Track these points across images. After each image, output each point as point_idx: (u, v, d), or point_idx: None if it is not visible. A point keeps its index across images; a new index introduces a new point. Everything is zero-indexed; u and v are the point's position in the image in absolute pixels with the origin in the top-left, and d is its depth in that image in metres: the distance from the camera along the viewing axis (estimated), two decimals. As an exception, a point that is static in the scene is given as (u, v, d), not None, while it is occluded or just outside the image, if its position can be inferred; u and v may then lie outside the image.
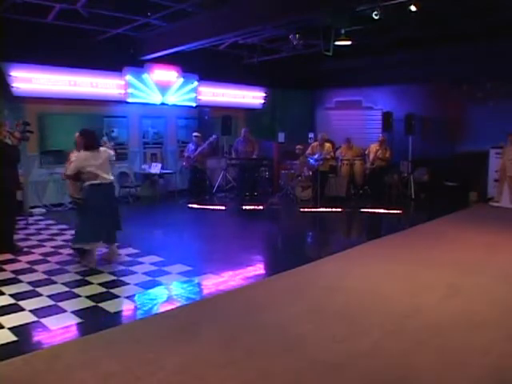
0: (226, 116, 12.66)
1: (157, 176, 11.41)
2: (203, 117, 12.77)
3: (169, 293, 5.17)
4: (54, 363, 3.47)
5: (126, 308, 4.69)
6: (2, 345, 3.73)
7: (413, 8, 7.76)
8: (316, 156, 10.86)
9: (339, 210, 10.12)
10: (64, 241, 7.22)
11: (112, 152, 6.22)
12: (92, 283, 5.26)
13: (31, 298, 4.79)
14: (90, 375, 3.30)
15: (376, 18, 7.80)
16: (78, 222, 6.33)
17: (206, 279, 5.51)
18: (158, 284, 5.33)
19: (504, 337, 3.98)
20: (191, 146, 11.41)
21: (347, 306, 4.65)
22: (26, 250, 6.68)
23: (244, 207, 10.61)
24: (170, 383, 3.26)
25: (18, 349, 3.67)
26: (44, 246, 6.99)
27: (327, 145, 11.20)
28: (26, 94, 9.52)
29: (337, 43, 9.19)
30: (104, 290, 5.06)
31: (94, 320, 4.33)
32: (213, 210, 10.36)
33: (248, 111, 14.07)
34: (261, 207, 10.53)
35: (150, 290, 5.12)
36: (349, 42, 9.55)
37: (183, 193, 11.86)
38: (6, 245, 6.53)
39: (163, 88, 11.53)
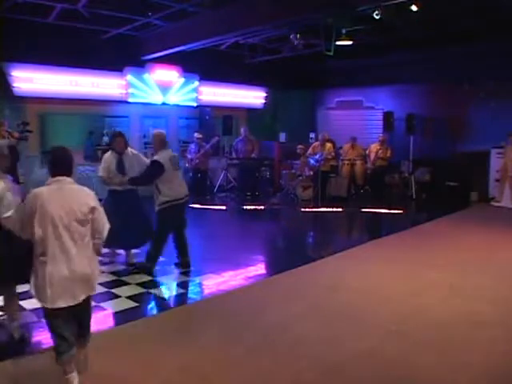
0: (227, 116, 12.66)
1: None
2: (204, 117, 12.77)
3: (170, 293, 5.18)
4: (54, 363, 3.47)
5: (127, 308, 4.69)
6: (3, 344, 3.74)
7: (413, 8, 7.77)
8: (317, 156, 10.86)
9: (340, 209, 10.12)
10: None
11: None
12: (93, 283, 5.26)
13: (32, 297, 4.78)
14: (91, 375, 3.30)
15: (377, 17, 7.80)
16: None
17: (207, 279, 5.51)
18: (159, 284, 5.34)
19: (505, 337, 3.98)
20: (193, 147, 11.42)
21: (348, 305, 4.65)
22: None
23: (245, 207, 10.61)
24: (171, 383, 3.27)
25: (18, 348, 3.68)
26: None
27: (328, 145, 11.19)
28: (27, 94, 9.53)
29: (338, 43, 9.19)
30: (105, 289, 5.07)
31: (95, 320, 4.33)
32: (214, 209, 10.36)
33: (249, 111, 14.07)
34: (262, 207, 10.53)
35: (151, 290, 5.13)
36: (350, 42, 9.55)
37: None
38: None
39: (164, 88, 11.53)
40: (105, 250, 6.40)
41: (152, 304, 4.78)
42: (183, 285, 5.42)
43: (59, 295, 2.86)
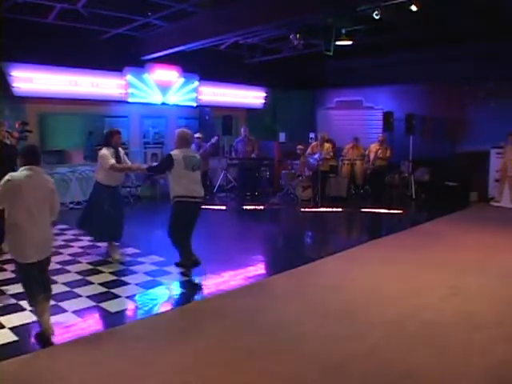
0: (227, 116, 12.66)
1: (158, 176, 11.39)
2: (204, 117, 12.77)
3: (169, 293, 5.18)
4: (54, 363, 3.48)
5: (127, 308, 4.69)
6: (3, 345, 3.73)
7: (413, 8, 7.77)
8: (316, 156, 10.87)
9: (340, 209, 10.12)
10: (65, 241, 7.22)
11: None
12: (93, 283, 5.26)
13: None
14: (91, 375, 3.30)
15: (377, 17, 7.81)
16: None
17: (207, 279, 5.51)
18: (159, 284, 5.34)
19: (504, 337, 3.98)
20: (193, 147, 11.39)
21: (347, 305, 4.65)
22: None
23: (245, 207, 10.61)
24: (171, 383, 3.27)
25: (19, 348, 3.68)
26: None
27: (327, 145, 11.19)
28: (26, 94, 9.53)
29: (337, 43, 9.20)
30: (105, 289, 5.07)
31: (95, 320, 4.34)
32: (213, 209, 10.35)
33: (249, 111, 14.07)
34: (261, 207, 10.53)
35: (151, 290, 5.13)
36: (349, 42, 9.56)
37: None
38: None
39: (164, 88, 11.53)
40: (104, 250, 6.45)
41: (152, 304, 4.78)
42: (183, 285, 5.42)
43: (33, 253, 3.76)
